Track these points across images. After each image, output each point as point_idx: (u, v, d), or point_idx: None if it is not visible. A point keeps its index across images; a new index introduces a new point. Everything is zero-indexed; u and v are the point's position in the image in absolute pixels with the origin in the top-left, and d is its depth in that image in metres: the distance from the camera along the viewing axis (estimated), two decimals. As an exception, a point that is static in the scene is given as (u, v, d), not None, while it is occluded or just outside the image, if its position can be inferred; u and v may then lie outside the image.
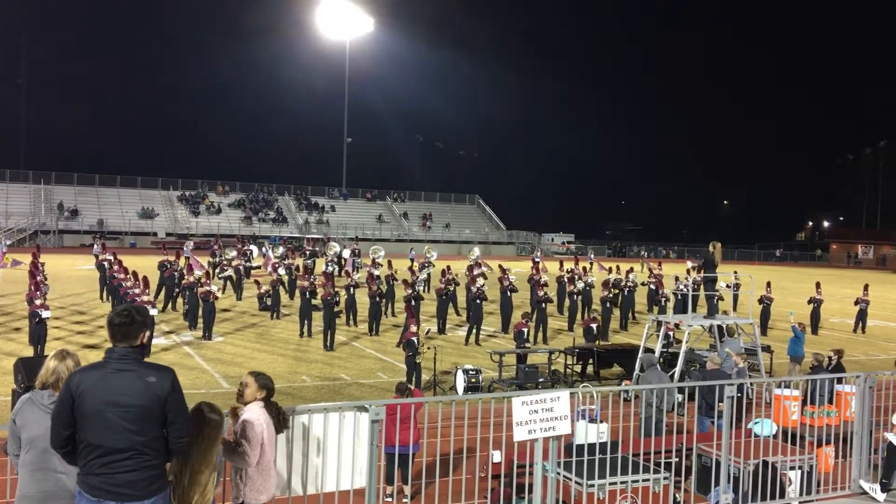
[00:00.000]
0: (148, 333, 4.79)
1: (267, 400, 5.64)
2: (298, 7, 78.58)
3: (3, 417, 10.69)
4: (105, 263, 26.46)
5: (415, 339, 14.75)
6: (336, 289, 21.12)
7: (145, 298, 18.29)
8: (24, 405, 4.77)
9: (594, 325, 19.28)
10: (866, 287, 27.02)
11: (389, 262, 28.40)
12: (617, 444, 8.42)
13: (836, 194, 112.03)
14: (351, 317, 22.96)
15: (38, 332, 16.42)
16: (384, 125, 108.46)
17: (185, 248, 33.52)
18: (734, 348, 14.88)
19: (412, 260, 35.36)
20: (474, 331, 20.96)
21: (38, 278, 19.59)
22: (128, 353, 4.51)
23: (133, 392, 4.39)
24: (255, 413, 5.51)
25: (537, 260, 31.51)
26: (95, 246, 31.42)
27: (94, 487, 4.38)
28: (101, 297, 26.09)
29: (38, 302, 16.69)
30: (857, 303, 26.44)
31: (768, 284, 25.79)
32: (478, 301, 21.26)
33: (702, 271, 16.21)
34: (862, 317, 26.17)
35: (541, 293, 22.05)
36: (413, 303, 20.59)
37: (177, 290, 24.91)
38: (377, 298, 21.93)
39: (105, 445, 4.35)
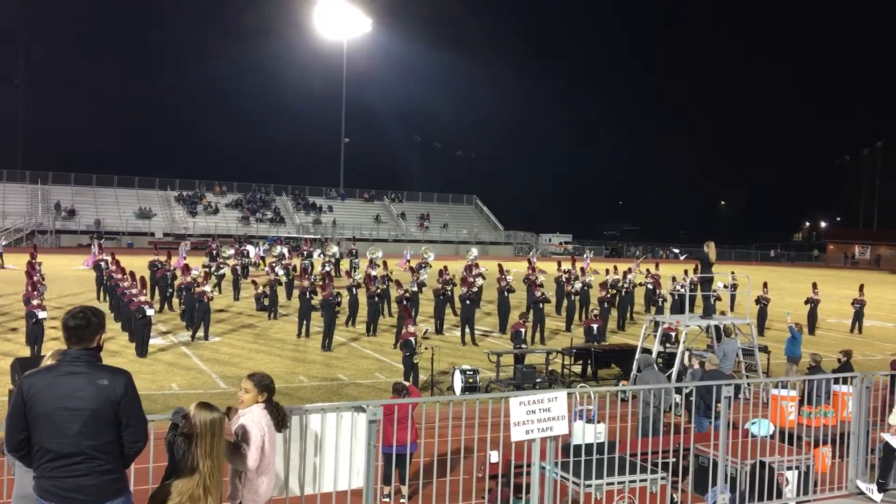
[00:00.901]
0: (103, 335, 4.71)
1: (268, 400, 5.61)
2: (296, 7, 78.57)
3: (1, 417, 10.68)
4: (102, 263, 26.42)
5: (412, 339, 14.75)
6: (336, 289, 21.12)
7: (143, 298, 18.27)
8: None
9: (595, 326, 19.28)
10: (861, 287, 27.07)
11: (385, 263, 28.39)
12: (614, 445, 8.43)
13: (834, 195, 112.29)
14: (350, 317, 22.98)
15: (35, 333, 16.39)
16: (382, 125, 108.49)
17: (180, 249, 33.52)
18: (731, 349, 14.90)
19: (407, 261, 35.35)
20: (468, 331, 20.96)
21: (35, 278, 19.58)
22: (81, 355, 4.43)
23: (84, 395, 4.30)
24: (256, 415, 5.47)
25: (533, 260, 31.53)
26: (93, 247, 31.37)
27: (45, 491, 4.31)
28: (99, 297, 26.06)
29: (34, 302, 16.66)
30: (853, 303, 26.50)
31: (765, 285, 25.84)
32: (468, 302, 21.25)
33: (698, 270, 16.22)
34: (858, 317, 26.22)
35: (538, 293, 22.06)
36: (406, 303, 20.57)
37: (170, 290, 24.90)
38: (375, 299, 21.92)
39: (56, 449, 4.28)
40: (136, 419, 4.45)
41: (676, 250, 19.29)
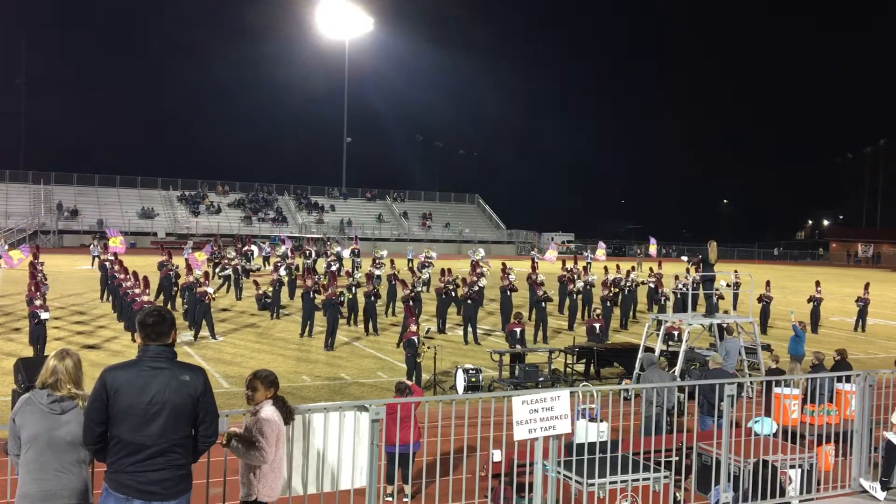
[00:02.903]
0: (177, 332, 4.82)
1: (275, 396, 5.71)
2: (298, 7, 78.65)
3: (4, 417, 10.70)
4: (107, 264, 26.46)
5: (415, 338, 14.76)
6: (339, 288, 21.13)
7: (145, 298, 18.28)
8: (23, 405, 4.77)
9: (597, 325, 19.27)
10: (867, 286, 27.04)
11: (392, 262, 28.41)
12: (617, 443, 8.42)
13: (836, 193, 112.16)
14: (352, 317, 22.99)
15: (38, 333, 16.41)
16: (384, 124, 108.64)
17: (185, 249, 33.52)
18: (733, 347, 14.89)
19: (410, 260, 35.36)
20: (470, 330, 20.96)
21: (38, 278, 19.60)
22: (161, 351, 4.55)
23: (168, 390, 4.44)
24: (268, 411, 5.58)
25: (535, 259, 31.52)
26: (93, 247, 31.40)
27: (122, 485, 4.39)
28: (102, 298, 26.08)
29: (37, 303, 16.68)
30: (857, 301, 26.48)
31: (767, 283, 25.79)
32: (469, 301, 21.25)
33: (699, 269, 16.21)
34: (862, 315, 26.20)
35: (539, 292, 22.06)
36: (412, 303, 20.59)
37: (174, 289, 24.93)
38: (372, 298, 21.92)
39: (137, 443, 4.38)
40: (212, 415, 4.62)
41: (685, 258, 19.28)
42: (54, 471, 4.67)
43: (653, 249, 39.52)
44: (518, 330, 17.35)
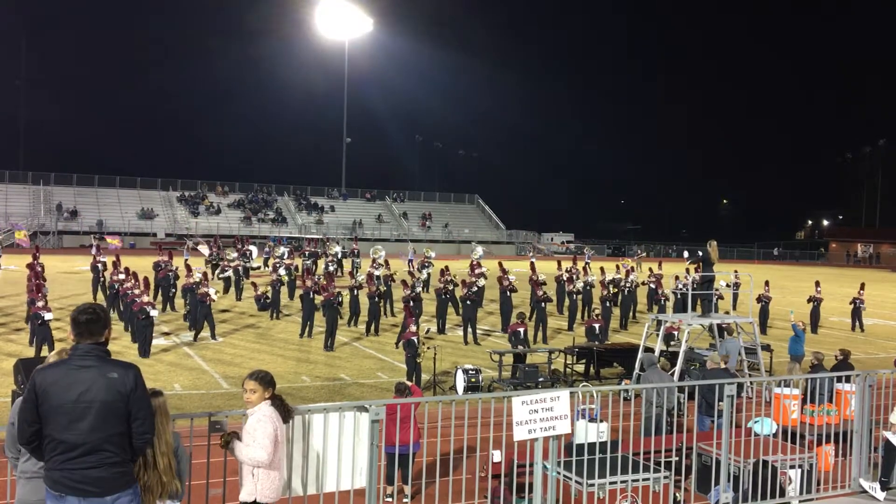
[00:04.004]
0: (110, 331, 4.79)
1: (273, 396, 5.71)
2: (298, 7, 78.66)
3: (4, 419, 10.70)
4: (99, 265, 26.43)
5: (414, 338, 14.75)
6: (338, 289, 21.12)
7: (145, 299, 18.28)
8: None
9: (597, 325, 19.27)
10: (862, 286, 27.06)
11: (387, 262, 28.40)
12: (617, 444, 8.42)
13: (836, 193, 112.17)
14: (352, 317, 22.99)
15: (42, 334, 16.42)
16: (383, 125, 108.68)
17: (184, 250, 33.55)
18: (733, 347, 14.88)
19: (410, 260, 35.33)
20: (470, 330, 20.96)
21: (39, 279, 19.59)
22: (91, 349, 4.51)
23: (95, 388, 4.39)
24: (266, 410, 5.59)
25: (533, 260, 31.51)
26: (93, 248, 31.39)
27: (56, 482, 4.39)
28: (95, 298, 26.06)
29: (40, 303, 16.69)
30: (852, 302, 26.52)
31: (766, 283, 25.79)
32: (469, 302, 21.25)
33: (699, 269, 16.19)
34: (858, 315, 26.22)
35: (540, 293, 22.05)
36: (412, 303, 20.58)
37: (172, 290, 24.92)
38: (376, 299, 21.94)
39: (68, 441, 4.35)
40: (145, 411, 4.55)
41: (686, 254, 19.18)
42: None
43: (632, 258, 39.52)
44: (521, 330, 17.34)
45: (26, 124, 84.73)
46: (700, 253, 15.93)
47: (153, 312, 17.70)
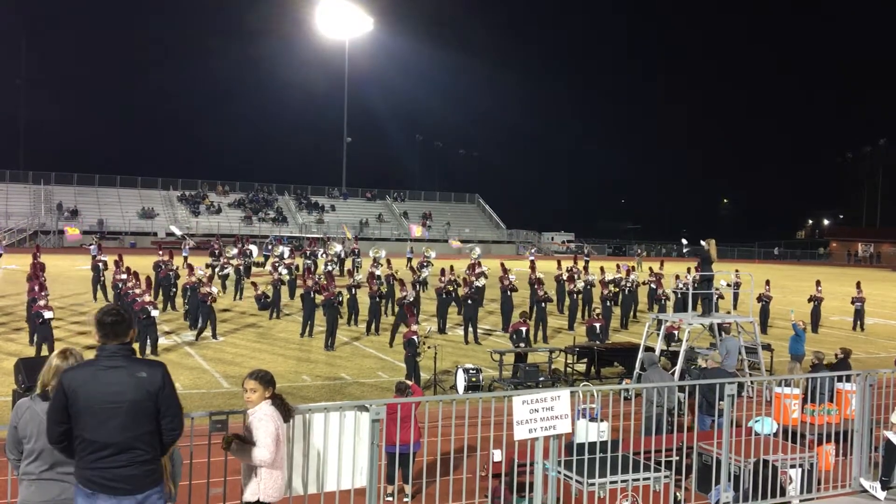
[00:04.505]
0: (135, 331, 4.83)
1: (273, 395, 5.71)
2: (298, 6, 78.66)
3: (4, 418, 10.69)
4: (100, 265, 26.45)
5: (415, 337, 14.75)
6: (338, 288, 21.12)
7: (147, 299, 18.27)
8: (25, 413, 4.71)
9: (597, 325, 19.26)
10: (858, 284, 27.08)
11: (389, 262, 28.42)
12: (617, 443, 8.42)
13: (837, 192, 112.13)
14: (352, 316, 22.98)
15: (43, 333, 16.41)
16: (384, 124, 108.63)
17: (183, 249, 33.54)
18: (732, 346, 14.87)
19: (409, 259, 35.35)
20: (471, 329, 20.95)
21: (41, 278, 19.58)
22: (118, 349, 4.56)
23: (125, 388, 4.45)
24: (266, 410, 5.60)
25: (532, 258, 31.52)
26: (93, 247, 31.41)
27: (88, 480, 4.44)
28: (95, 298, 26.08)
29: (41, 302, 16.69)
30: (853, 301, 26.51)
31: (767, 283, 25.76)
32: (469, 302, 21.24)
33: (699, 268, 16.19)
34: (859, 315, 26.24)
35: (540, 292, 22.05)
36: (410, 304, 20.53)
37: (173, 290, 24.92)
38: (377, 298, 21.93)
39: (99, 441, 4.40)
40: (174, 408, 4.63)
41: (685, 241, 19.18)
42: (57, 482, 4.66)
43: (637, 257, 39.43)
44: (523, 329, 17.33)
45: (26, 124, 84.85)
46: (691, 246, 15.88)
47: (154, 312, 17.70)
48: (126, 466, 4.45)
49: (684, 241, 19.14)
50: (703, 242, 15.81)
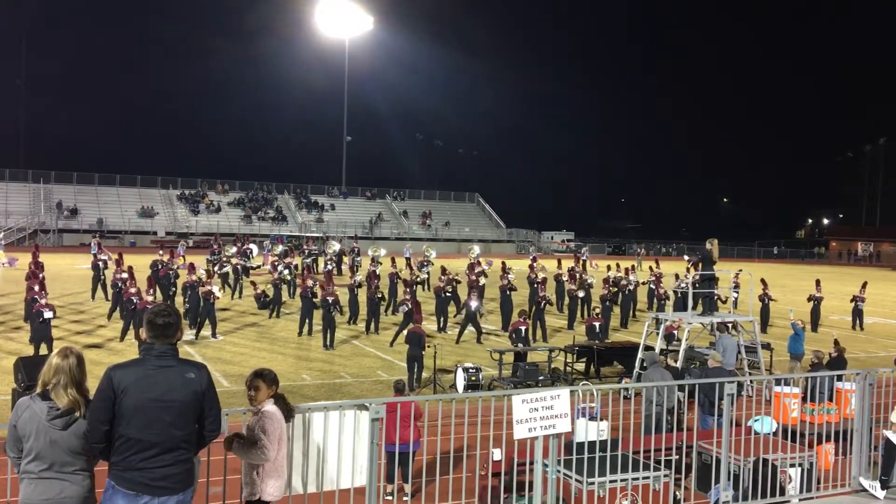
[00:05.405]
0: (182, 332, 4.89)
1: (276, 394, 5.72)
2: (298, 5, 78.67)
3: (4, 417, 10.70)
4: (100, 264, 26.44)
5: (422, 334, 14.73)
6: (336, 288, 21.09)
7: (149, 299, 18.23)
8: (25, 413, 4.69)
9: (597, 324, 19.25)
10: (864, 285, 27.04)
11: (393, 260, 28.38)
12: (617, 442, 8.42)
13: (836, 192, 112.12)
14: (352, 317, 22.96)
15: (43, 332, 16.39)
16: (384, 123, 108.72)
17: (179, 248, 33.50)
18: (730, 345, 14.87)
19: (408, 259, 35.30)
20: (472, 329, 20.92)
21: (41, 277, 19.58)
22: (167, 350, 4.64)
23: (175, 388, 4.53)
24: (269, 408, 5.61)
25: (533, 257, 31.49)
26: (93, 245, 31.40)
27: (131, 482, 4.46)
28: (93, 297, 26.06)
29: (42, 301, 16.68)
30: (853, 300, 26.50)
31: (764, 283, 25.64)
32: (472, 305, 21.19)
33: (699, 267, 16.18)
34: (858, 314, 26.21)
35: (540, 293, 22.03)
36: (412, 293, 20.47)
37: (172, 289, 24.89)
38: (377, 298, 21.90)
39: (146, 440, 4.45)
40: (216, 409, 4.73)
41: (686, 257, 19.16)
42: (57, 481, 4.66)
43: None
44: (523, 328, 17.32)
45: (26, 123, 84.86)
46: (699, 254, 15.92)
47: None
48: (170, 465, 4.50)
49: (686, 257, 19.22)
50: (707, 244, 15.80)
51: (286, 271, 27.11)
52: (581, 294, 24.68)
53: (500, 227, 76.64)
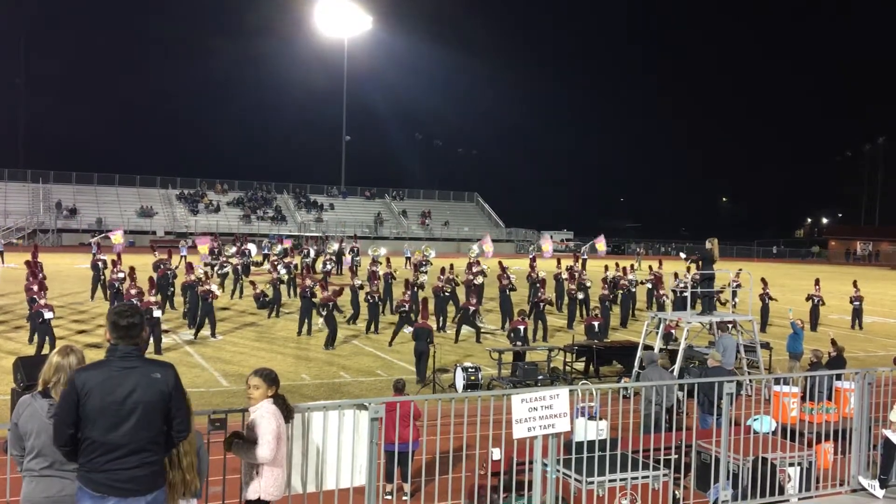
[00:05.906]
0: (147, 331, 4.83)
1: (276, 394, 5.71)
2: (297, 5, 78.65)
3: (4, 417, 10.70)
4: (99, 263, 26.41)
5: (429, 328, 14.77)
6: (335, 288, 21.08)
7: (151, 299, 18.22)
8: (26, 411, 4.71)
9: (596, 323, 19.25)
10: (855, 283, 27.10)
11: (388, 260, 28.40)
12: (616, 442, 8.43)
13: (836, 191, 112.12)
14: (352, 317, 22.96)
15: (44, 332, 16.39)
16: (383, 123, 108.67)
17: (180, 247, 33.49)
18: (729, 344, 14.87)
19: (408, 258, 35.33)
20: (471, 329, 20.93)
21: (40, 277, 19.58)
22: (132, 350, 4.55)
23: (140, 389, 4.44)
24: (268, 408, 5.60)
25: (533, 256, 31.49)
26: (93, 245, 31.40)
27: (97, 484, 4.40)
28: (93, 297, 26.05)
29: (42, 301, 16.67)
30: (851, 301, 26.52)
31: (763, 281, 25.65)
32: (470, 308, 21.21)
33: (699, 266, 16.18)
34: (858, 313, 26.24)
35: (540, 293, 22.03)
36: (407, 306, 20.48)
37: (171, 289, 24.88)
38: (376, 298, 21.91)
39: (110, 442, 4.38)
40: (185, 409, 4.64)
41: (683, 255, 19.12)
42: (58, 479, 4.67)
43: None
44: (522, 328, 17.31)
45: (26, 123, 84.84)
46: (697, 253, 15.91)
47: (157, 313, 17.67)
48: (137, 468, 4.43)
49: (682, 255, 19.16)
50: (707, 244, 15.79)
51: (284, 271, 27.11)
52: (580, 296, 24.67)
53: (500, 227, 76.64)
